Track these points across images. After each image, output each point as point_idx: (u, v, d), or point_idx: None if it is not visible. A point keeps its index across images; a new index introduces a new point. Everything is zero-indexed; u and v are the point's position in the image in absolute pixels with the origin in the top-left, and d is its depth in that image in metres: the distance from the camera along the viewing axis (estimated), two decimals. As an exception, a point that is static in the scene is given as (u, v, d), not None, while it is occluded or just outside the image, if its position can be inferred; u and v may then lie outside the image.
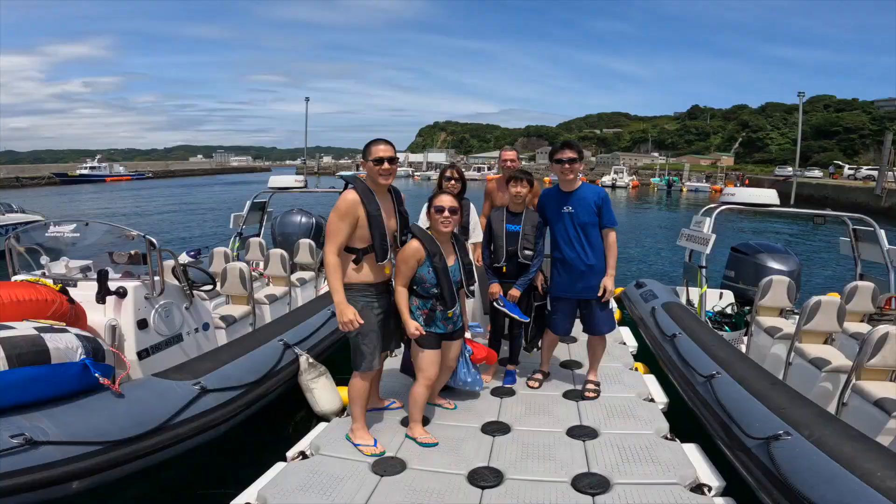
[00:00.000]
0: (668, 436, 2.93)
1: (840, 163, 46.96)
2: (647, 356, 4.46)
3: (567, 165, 3.24)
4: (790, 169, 46.81)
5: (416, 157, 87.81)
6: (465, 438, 2.90)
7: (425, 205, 3.00)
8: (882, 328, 3.07)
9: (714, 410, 3.01)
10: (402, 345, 3.10)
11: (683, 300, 5.32)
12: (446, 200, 2.78)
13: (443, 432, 2.96)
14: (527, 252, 3.44)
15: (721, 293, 5.55)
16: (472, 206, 4.06)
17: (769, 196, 5.33)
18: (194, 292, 5.19)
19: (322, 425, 3.17)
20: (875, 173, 30.93)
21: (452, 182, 3.77)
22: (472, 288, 3.10)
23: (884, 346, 3.01)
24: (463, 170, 4.03)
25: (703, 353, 3.57)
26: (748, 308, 5.25)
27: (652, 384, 3.63)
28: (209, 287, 4.92)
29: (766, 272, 5.24)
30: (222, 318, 4.87)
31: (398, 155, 2.81)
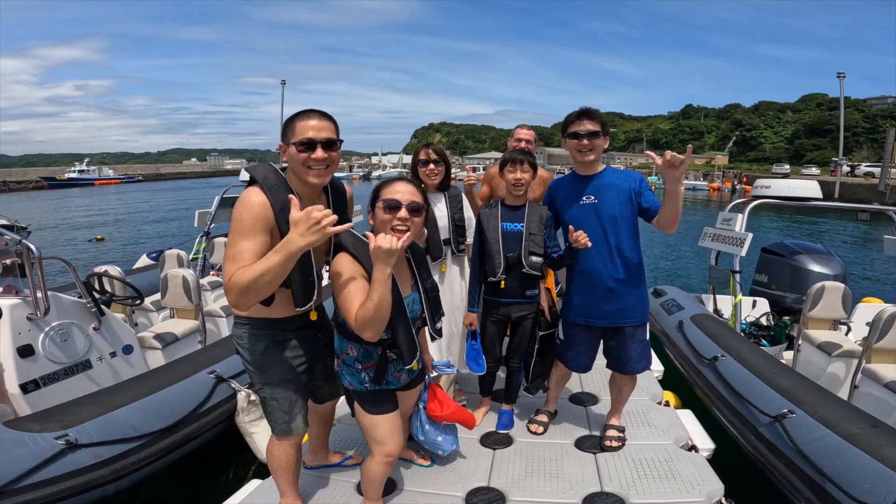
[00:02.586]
0: (724, 502, 2.12)
1: (838, 159, 46.50)
2: (675, 381, 3.61)
3: (586, 141, 2.28)
4: (787, 167, 46.38)
5: (410, 159, 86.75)
6: (443, 519, 2.04)
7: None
8: None
9: (795, 465, 2.21)
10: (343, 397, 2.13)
11: (710, 310, 4.49)
12: (403, 190, 1.77)
13: (412, 507, 2.09)
14: (534, 259, 2.46)
15: (754, 301, 4.69)
16: (464, 197, 3.00)
17: (810, 188, 4.53)
18: (136, 307, 4.29)
19: (252, 485, 2.33)
20: (875, 170, 30.48)
21: (431, 167, 2.70)
22: (438, 326, 2.01)
23: None
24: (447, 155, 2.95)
25: (761, 382, 2.75)
26: (787, 318, 4.45)
27: (691, 424, 2.75)
28: (138, 301, 4.06)
29: (807, 276, 4.43)
30: (157, 336, 3.99)
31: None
